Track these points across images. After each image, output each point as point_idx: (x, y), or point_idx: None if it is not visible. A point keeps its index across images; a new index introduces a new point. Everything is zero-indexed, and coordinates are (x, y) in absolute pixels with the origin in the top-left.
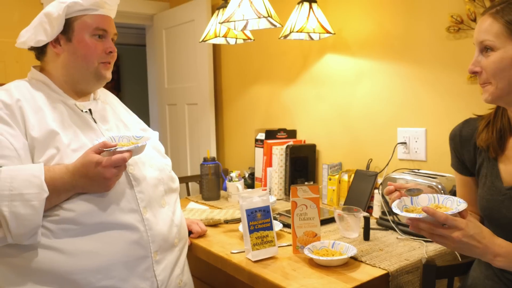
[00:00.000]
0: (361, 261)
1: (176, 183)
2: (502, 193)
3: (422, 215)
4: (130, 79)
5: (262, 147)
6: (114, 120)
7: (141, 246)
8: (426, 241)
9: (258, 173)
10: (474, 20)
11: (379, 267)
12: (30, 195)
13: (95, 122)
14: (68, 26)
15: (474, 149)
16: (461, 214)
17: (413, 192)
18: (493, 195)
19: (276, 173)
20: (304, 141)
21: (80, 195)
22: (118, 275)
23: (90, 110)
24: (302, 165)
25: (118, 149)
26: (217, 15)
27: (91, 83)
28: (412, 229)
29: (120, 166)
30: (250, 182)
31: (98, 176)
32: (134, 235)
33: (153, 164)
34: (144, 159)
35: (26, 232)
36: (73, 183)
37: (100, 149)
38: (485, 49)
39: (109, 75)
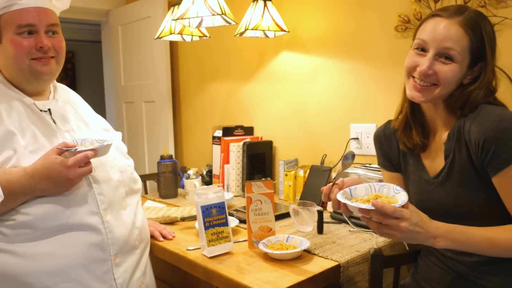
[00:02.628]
0: (314, 254)
1: (138, 184)
2: (430, 183)
3: (372, 206)
4: (85, 76)
5: (220, 144)
6: (75, 120)
7: (100, 249)
8: None
9: (216, 170)
10: (420, 20)
11: (331, 259)
12: None
13: (55, 122)
14: None
15: (397, 148)
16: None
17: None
18: (423, 187)
19: (234, 170)
20: (261, 138)
21: (37, 198)
22: (76, 278)
23: (49, 109)
24: (259, 161)
25: (80, 149)
26: (172, 12)
27: (32, 82)
28: (363, 219)
29: (84, 166)
30: (208, 180)
31: (61, 178)
32: (93, 237)
33: (114, 165)
34: (105, 161)
35: None
36: (31, 186)
37: (61, 150)
38: (444, 55)
39: (47, 70)
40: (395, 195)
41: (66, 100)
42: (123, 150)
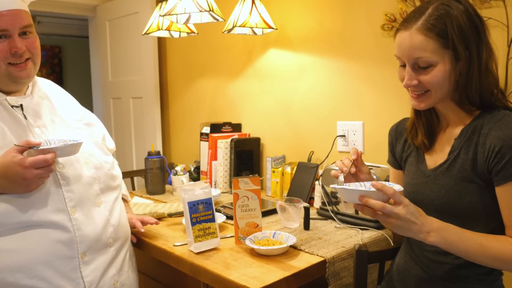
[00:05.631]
0: (300, 250)
1: (117, 181)
2: (426, 175)
3: (371, 189)
4: (72, 72)
5: (207, 141)
6: (50, 115)
7: (66, 246)
8: (362, 229)
9: (203, 167)
10: None
11: (317, 255)
12: None
13: (26, 118)
14: None
15: (404, 142)
16: None
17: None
18: (418, 178)
19: (221, 166)
20: (249, 135)
21: (0, 195)
22: (39, 275)
23: (21, 105)
24: (247, 158)
25: (41, 148)
26: (160, 7)
27: (10, 85)
28: (357, 207)
29: (44, 167)
30: (195, 176)
31: (17, 177)
32: (59, 234)
33: (89, 162)
34: (80, 157)
35: None
36: None
37: (23, 148)
38: (419, 65)
39: (24, 74)
40: (399, 188)
41: (44, 95)
42: (104, 146)
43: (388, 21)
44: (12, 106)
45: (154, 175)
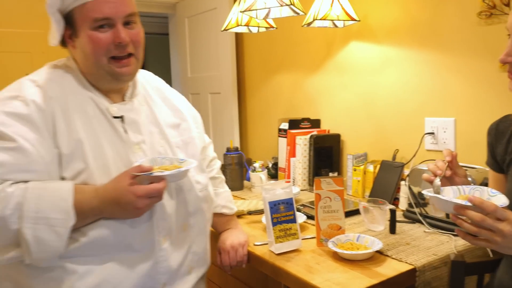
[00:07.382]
0: (387, 255)
1: (208, 203)
2: None
3: (468, 202)
4: (153, 68)
5: (286, 137)
6: (148, 125)
7: (151, 279)
8: (454, 235)
9: (281, 163)
10: (508, 5)
11: (406, 262)
12: (56, 220)
13: (126, 131)
14: (71, 19)
15: (507, 142)
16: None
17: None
18: None
19: (300, 163)
20: (328, 131)
21: (97, 220)
22: None
23: (123, 116)
24: (326, 155)
25: (155, 174)
26: (239, 3)
27: (111, 82)
28: (454, 220)
29: (156, 196)
30: (273, 172)
31: (129, 205)
32: (145, 265)
33: (180, 183)
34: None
35: (46, 257)
36: (101, 208)
37: (135, 174)
38: None
39: (126, 71)
40: (491, 198)
41: (143, 100)
42: (201, 159)
43: (486, 8)
44: (113, 117)
45: (232, 171)
